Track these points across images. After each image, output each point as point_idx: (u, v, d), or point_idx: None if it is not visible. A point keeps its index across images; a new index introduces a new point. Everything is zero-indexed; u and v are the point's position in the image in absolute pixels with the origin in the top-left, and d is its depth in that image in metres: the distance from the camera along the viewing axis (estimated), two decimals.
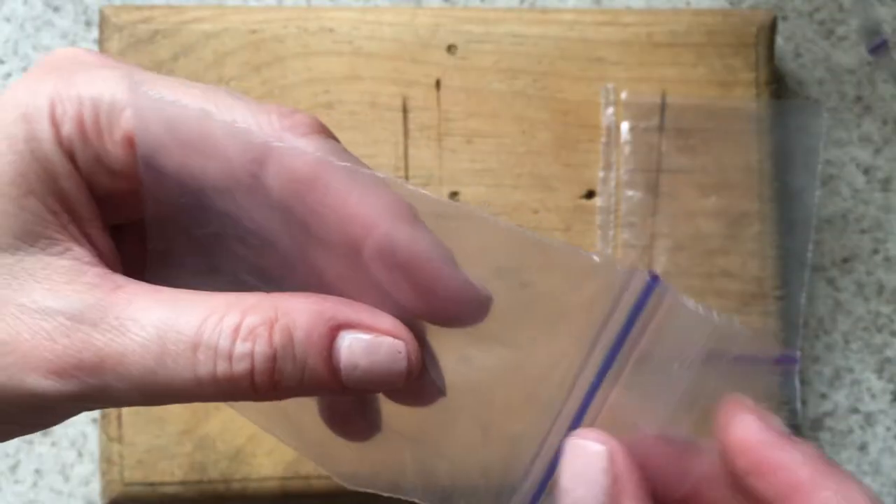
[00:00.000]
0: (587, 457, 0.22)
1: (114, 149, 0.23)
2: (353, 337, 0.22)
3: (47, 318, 0.22)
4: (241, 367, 0.21)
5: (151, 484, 0.42)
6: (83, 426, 0.45)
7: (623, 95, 0.45)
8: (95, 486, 0.44)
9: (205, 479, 0.42)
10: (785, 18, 0.49)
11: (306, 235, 0.23)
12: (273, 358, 0.21)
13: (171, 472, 0.42)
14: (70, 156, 0.23)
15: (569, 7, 0.48)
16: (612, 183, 0.45)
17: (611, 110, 0.45)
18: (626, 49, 0.45)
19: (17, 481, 0.44)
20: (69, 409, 0.24)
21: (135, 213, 0.25)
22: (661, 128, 0.45)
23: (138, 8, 0.44)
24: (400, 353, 0.22)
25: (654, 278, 0.22)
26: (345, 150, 0.23)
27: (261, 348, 0.21)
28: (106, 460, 0.42)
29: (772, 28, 0.46)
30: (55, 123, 0.22)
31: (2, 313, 0.22)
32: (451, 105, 0.45)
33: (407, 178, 0.44)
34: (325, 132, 0.23)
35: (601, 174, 0.45)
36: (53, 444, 0.45)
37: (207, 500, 0.42)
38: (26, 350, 0.22)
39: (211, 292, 0.23)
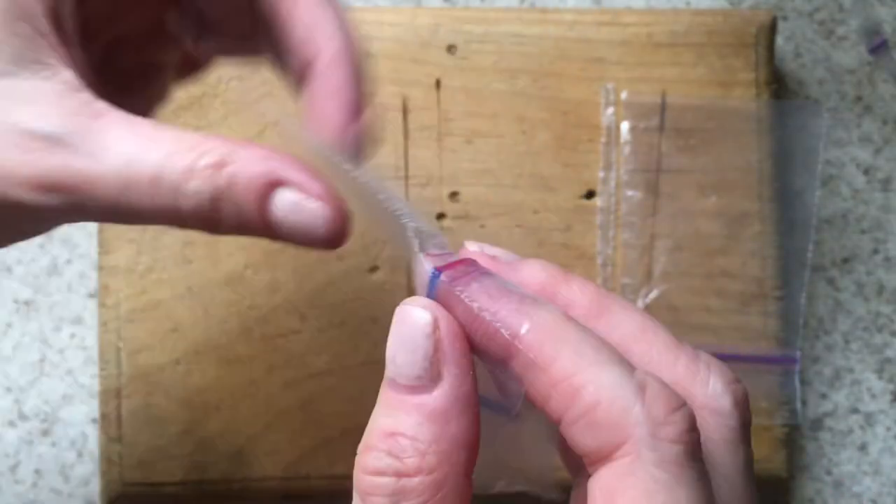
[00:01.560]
0: (412, 323, 0.21)
1: None
2: (285, 195, 0.24)
3: (31, 140, 0.24)
4: (189, 203, 0.24)
5: (151, 484, 0.42)
6: (83, 426, 0.45)
7: (623, 95, 0.45)
8: (95, 487, 0.44)
9: (205, 479, 0.42)
10: (785, 18, 0.49)
11: None
12: (216, 199, 0.24)
13: (171, 472, 0.42)
14: None
15: (569, 7, 0.48)
16: (612, 183, 0.45)
17: (611, 110, 0.45)
18: (626, 49, 0.45)
19: (17, 481, 0.44)
20: (54, 219, 0.26)
21: (117, 30, 0.27)
22: (661, 128, 0.45)
23: None
24: (320, 217, 0.24)
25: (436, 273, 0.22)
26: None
27: (206, 188, 0.24)
28: (106, 460, 0.42)
29: (772, 28, 0.46)
30: None
31: None
32: (451, 105, 0.45)
33: (407, 178, 0.44)
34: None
35: (601, 174, 0.45)
36: (53, 444, 0.45)
37: (207, 501, 0.42)
38: (12, 165, 0.24)
39: (180, 130, 0.24)
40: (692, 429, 0.19)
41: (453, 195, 0.44)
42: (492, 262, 0.24)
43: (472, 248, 0.24)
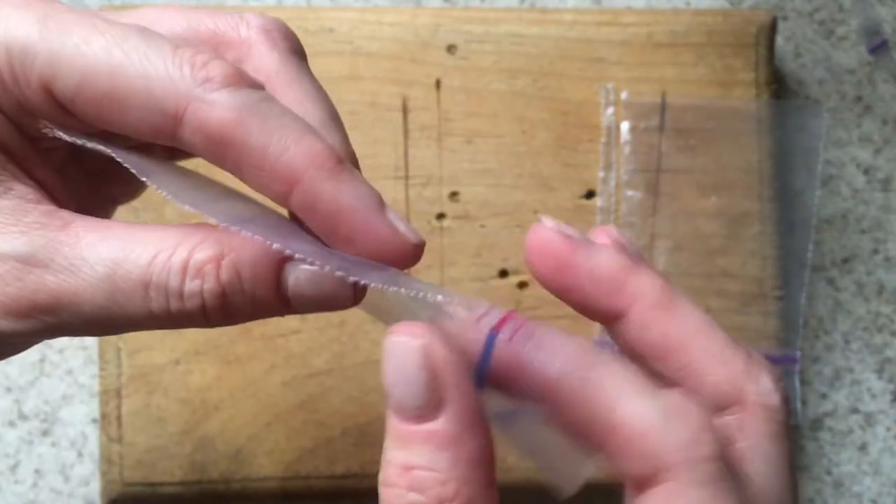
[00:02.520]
0: (405, 353, 0.20)
1: (32, 95, 0.23)
2: (301, 268, 0.22)
3: (0, 263, 0.22)
4: (192, 303, 0.22)
5: (151, 484, 0.42)
6: (83, 426, 0.45)
7: (623, 95, 0.45)
8: (95, 486, 0.44)
9: (205, 479, 0.42)
10: (785, 18, 0.49)
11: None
12: (222, 294, 0.22)
13: (170, 472, 0.42)
14: None
15: (569, 7, 0.48)
16: (612, 183, 0.45)
17: (611, 110, 0.45)
18: (626, 49, 0.45)
19: (17, 481, 0.44)
20: (27, 342, 0.24)
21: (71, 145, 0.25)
22: (661, 128, 0.45)
23: (138, 8, 0.44)
24: (346, 281, 0.22)
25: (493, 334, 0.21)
26: (265, 100, 0.22)
27: (209, 286, 0.22)
28: (106, 460, 0.42)
29: (772, 28, 0.46)
30: None
31: None
32: (451, 105, 0.45)
33: (407, 178, 0.44)
34: (242, 82, 0.22)
35: (601, 174, 0.45)
36: (53, 444, 0.45)
37: (207, 501, 0.42)
38: None
39: (159, 226, 0.23)
40: (721, 444, 0.20)
41: (453, 195, 0.44)
42: (566, 242, 0.23)
43: (548, 224, 0.23)
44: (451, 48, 0.45)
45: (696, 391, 0.22)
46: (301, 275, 0.22)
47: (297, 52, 0.27)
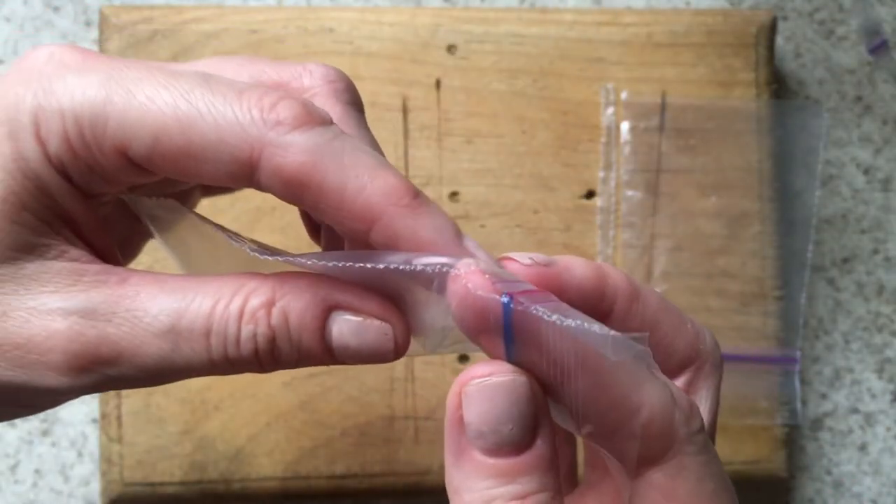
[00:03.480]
0: (513, 391, 0.21)
1: (104, 160, 0.23)
2: (344, 319, 0.23)
3: (59, 319, 0.23)
4: (247, 348, 0.23)
5: (151, 484, 0.42)
6: (83, 426, 0.45)
7: (623, 95, 0.45)
8: (95, 486, 0.44)
9: (204, 479, 0.42)
10: (785, 18, 0.49)
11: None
12: (273, 339, 0.23)
13: (170, 472, 0.42)
14: (61, 171, 0.23)
15: (569, 7, 0.48)
16: (612, 183, 0.45)
17: (611, 110, 0.45)
18: (626, 49, 0.45)
19: (17, 481, 0.44)
20: (80, 395, 0.25)
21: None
22: (661, 128, 0.45)
23: (138, 8, 0.44)
24: (387, 335, 0.23)
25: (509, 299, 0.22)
26: (337, 137, 0.23)
27: (262, 330, 0.23)
28: (106, 460, 0.42)
29: (772, 28, 0.46)
30: (41, 142, 0.23)
31: (13, 318, 0.23)
32: (451, 105, 0.45)
33: (407, 177, 0.44)
34: (312, 121, 0.23)
35: (601, 174, 0.45)
36: (53, 444, 0.45)
37: (207, 501, 0.42)
38: (42, 351, 0.23)
39: (215, 276, 0.23)
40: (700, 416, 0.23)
41: (453, 195, 0.44)
42: (546, 272, 0.24)
43: (523, 262, 0.24)
44: (451, 48, 0.45)
45: (670, 358, 0.26)
46: (344, 325, 0.23)
47: (356, 104, 0.27)
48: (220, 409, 0.42)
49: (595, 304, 0.25)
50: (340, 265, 0.22)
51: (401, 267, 0.22)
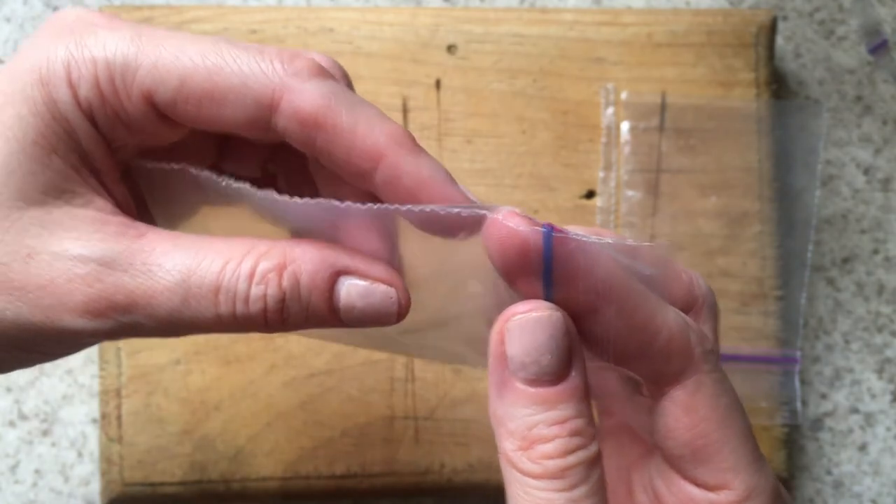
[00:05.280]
0: (552, 325, 0.23)
1: (131, 107, 0.24)
2: (351, 282, 0.25)
3: (80, 265, 0.24)
4: (256, 307, 0.24)
5: (151, 484, 0.42)
6: (83, 426, 0.45)
7: (623, 95, 0.45)
8: (95, 486, 0.44)
9: (204, 479, 0.42)
10: (785, 18, 0.49)
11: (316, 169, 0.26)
12: (283, 300, 0.24)
13: (171, 472, 0.42)
14: (89, 116, 0.24)
15: (569, 7, 0.48)
16: (612, 183, 0.45)
17: (611, 110, 0.45)
18: (626, 49, 0.45)
19: (17, 481, 0.44)
20: (96, 341, 0.26)
21: (150, 153, 0.27)
22: (661, 128, 0.45)
23: (138, 8, 0.44)
24: (391, 298, 0.25)
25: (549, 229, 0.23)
26: (346, 89, 0.25)
27: (272, 291, 0.24)
28: (106, 460, 0.42)
29: (772, 28, 0.46)
30: (72, 86, 0.24)
31: (36, 261, 0.24)
32: (451, 105, 0.45)
33: None
34: (325, 74, 0.25)
35: (601, 174, 0.45)
36: (53, 444, 0.45)
37: (207, 501, 0.42)
38: (62, 293, 0.24)
39: (226, 238, 0.25)
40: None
41: None
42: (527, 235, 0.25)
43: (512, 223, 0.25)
44: (451, 48, 0.45)
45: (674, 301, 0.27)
46: (352, 289, 0.24)
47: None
48: (220, 409, 0.42)
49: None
50: (366, 207, 0.24)
51: (436, 210, 0.24)
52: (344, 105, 0.24)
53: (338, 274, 0.25)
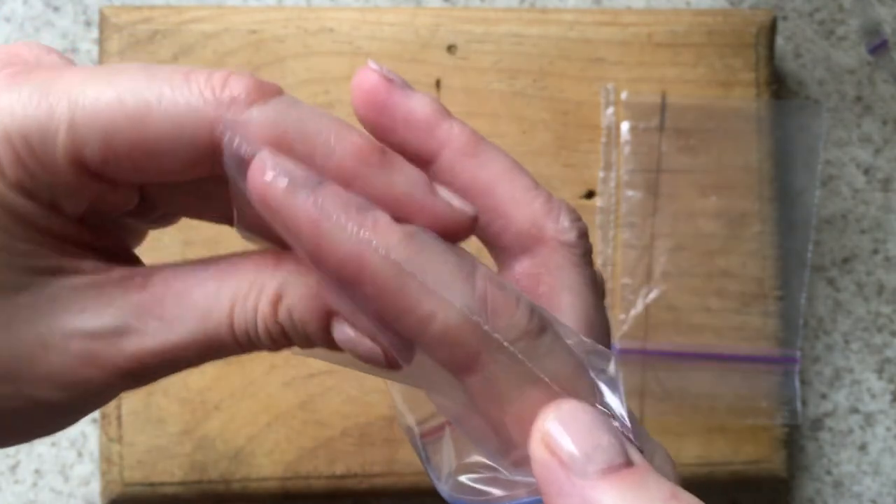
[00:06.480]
0: (576, 412, 0.21)
1: (63, 176, 0.22)
2: (342, 328, 0.23)
3: (97, 339, 0.23)
4: (265, 339, 0.23)
5: (151, 484, 0.42)
6: (83, 426, 0.45)
7: (623, 95, 0.45)
8: (95, 486, 0.44)
9: (204, 479, 0.42)
10: (785, 18, 0.49)
11: None
12: (283, 332, 0.23)
13: (170, 472, 0.42)
14: (27, 194, 0.22)
15: (569, 7, 0.48)
16: (612, 183, 0.45)
17: (611, 110, 0.45)
18: (626, 49, 0.45)
19: (17, 481, 0.44)
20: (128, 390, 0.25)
21: (119, 199, 0.24)
22: (661, 128, 0.45)
23: (138, 8, 0.44)
24: (377, 355, 0.23)
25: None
26: (293, 104, 0.22)
27: (273, 327, 0.23)
28: (106, 460, 0.42)
29: (772, 28, 0.46)
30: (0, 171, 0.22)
31: (52, 343, 0.23)
32: (451, 105, 0.44)
33: None
34: (265, 92, 0.22)
35: (601, 174, 0.45)
36: (53, 444, 0.45)
37: (207, 501, 0.42)
38: (87, 372, 0.23)
39: (225, 268, 0.23)
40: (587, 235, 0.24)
41: None
42: (386, 85, 0.25)
43: (373, 66, 0.25)
44: (451, 48, 0.45)
45: (504, 233, 0.25)
46: (342, 334, 0.23)
47: None
48: (220, 409, 0.42)
49: (421, 139, 0.24)
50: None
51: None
52: (295, 131, 0.22)
53: (329, 316, 0.23)
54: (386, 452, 0.43)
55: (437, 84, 0.45)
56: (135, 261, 0.26)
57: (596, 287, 0.25)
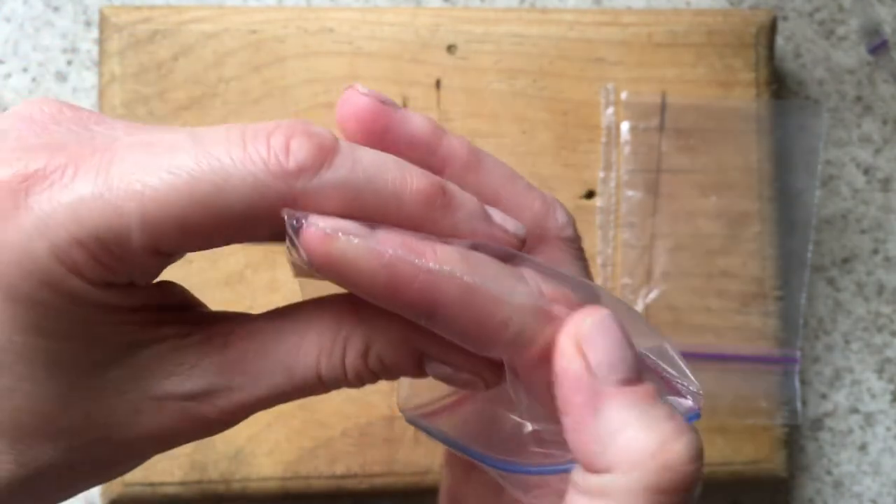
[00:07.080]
0: (613, 320, 0.23)
1: (140, 265, 0.22)
2: (436, 367, 0.24)
3: (188, 400, 0.24)
4: (356, 384, 0.24)
5: (151, 484, 0.42)
6: None
7: (623, 95, 0.45)
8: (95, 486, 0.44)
9: (205, 479, 0.42)
10: (785, 18, 0.49)
11: None
12: (374, 374, 0.24)
13: (171, 472, 0.42)
14: (106, 285, 0.22)
15: (569, 7, 0.48)
16: (612, 183, 0.45)
17: (611, 110, 0.45)
18: (626, 49, 0.45)
19: None
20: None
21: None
22: (661, 128, 0.45)
23: (138, 8, 0.44)
24: (477, 382, 0.24)
25: None
26: (352, 153, 0.22)
27: (363, 374, 0.24)
28: None
29: (772, 28, 0.46)
30: (75, 272, 0.21)
31: (144, 409, 0.24)
32: (451, 105, 0.45)
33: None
34: (327, 151, 0.22)
35: (601, 174, 0.45)
36: None
37: (207, 501, 0.42)
38: (178, 422, 0.24)
39: (304, 318, 0.24)
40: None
41: None
42: (384, 108, 0.25)
43: (363, 90, 0.24)
44: (451, 48, 0.45)
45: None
46: (437, 369, 0.24)
47: None
48: None
49: (426, 158, 0.25)
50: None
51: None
52: (366, 187, 0.22)
53: (423, 358, 0.24)
54: (386, 452, 0.43)
55: (437, 84, 0.45)
56: (190, 298, 0.26)
57: (590, 275, 0.28)
